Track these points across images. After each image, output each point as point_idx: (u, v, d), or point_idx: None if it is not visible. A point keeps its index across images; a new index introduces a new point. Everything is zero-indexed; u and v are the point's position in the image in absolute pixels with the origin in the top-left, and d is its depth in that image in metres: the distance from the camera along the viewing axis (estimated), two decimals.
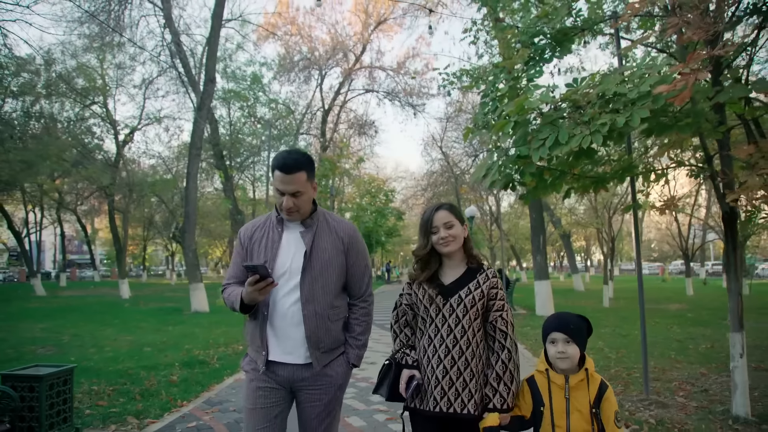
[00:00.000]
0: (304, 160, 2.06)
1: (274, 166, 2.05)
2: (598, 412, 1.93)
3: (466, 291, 2.06)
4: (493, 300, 2.09)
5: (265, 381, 2.10)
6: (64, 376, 3.76)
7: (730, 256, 4.29)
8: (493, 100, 4.71)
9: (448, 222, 2.08)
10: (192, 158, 13.53)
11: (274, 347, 2.08)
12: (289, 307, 2.06)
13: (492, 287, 2.10)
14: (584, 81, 4.18)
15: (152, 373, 6.17)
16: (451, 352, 2.02)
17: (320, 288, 2.08)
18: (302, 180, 2.03)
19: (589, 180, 4.39)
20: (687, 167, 4.43)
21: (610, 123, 3.40)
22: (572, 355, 1.96)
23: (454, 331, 2.04)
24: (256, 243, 2.15)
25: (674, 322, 11.43)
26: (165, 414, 4.56)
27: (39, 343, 8.55)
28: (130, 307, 15.98)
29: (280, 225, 2.14)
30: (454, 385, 2.01)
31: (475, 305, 2.06)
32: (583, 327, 2.02)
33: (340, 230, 2.18)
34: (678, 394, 5.16)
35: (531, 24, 4.70)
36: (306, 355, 2.07)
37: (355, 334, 2.22)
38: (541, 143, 3.66)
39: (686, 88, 3.02)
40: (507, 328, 2.07)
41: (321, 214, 2.18)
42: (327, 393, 2.11)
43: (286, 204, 2.04)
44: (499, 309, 2.10)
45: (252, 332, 2.13)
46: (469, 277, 2.10)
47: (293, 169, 2.01)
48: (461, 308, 2.05)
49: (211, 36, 13.69)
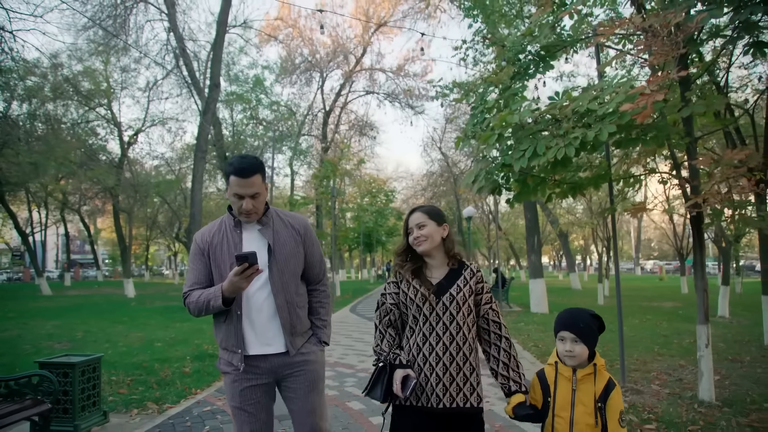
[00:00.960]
0: (257, 163, 2.18)
1: (230, 172, 2.14)
2: (603, 407, 1.93)
3: (456, 288, 2.12)
4: (480, 294, 2.17)
5: (248, 379, 2.19)
6: (93, 364, 4.18)
7: (696, 254, 4.70)
8: (481, 113, 5.12)
9: (420, 223, 2.16)
10: (197, 161, 13.95)
11: (252, 342, 2.18)
12: (263, 300, 2.18)
13: (478, 282, 2.18)
14: (565, 93, 4.61)
15: (165, 365, 6.60)
16: (448, 349, 2.08)
17: (287, 278, 2.23)
18: (259, 182, 2.16)
19: (567, 186, 4.80)
20: (658, 174, 4.83)
21: (581, 136, 3.81)
22: (579, 354, 1.97)
23: (450, 329, 2.09)
24: (217, 246, 2.23)
25: (664, 318, 11.84)
26: (181, 400, 4.99)
27: (54, 339, 8.97)
28: (136, 306, 16.41)
29: (238, 227, 2.24)
30: (455, 380, 2.07)
31: (467, 301, 2.13)
32: (593, 326, 2.01)
33: (294, 223, 2.33)
34: (654, 383, 5.58)
35: (517, 42, 5.11)
36: (283, 342, 2.20)
37: (320, 316, 2.37)
38: (521, 154, 4.08)
39: (647, 107, 3.45)
40: (499, 318, 2.18)
41: (273, 212, 2.31)
42: (307, 373, 2.25)
43: (246, 206, 2.14)
44: (488, 302, 2.19)
45: (226, 333, 2.21)
46: (455, 276, 2.16)
47: (250, 173, 2.12)
48: (454, 305, 2.10)
49: (215, 42, 14.12)
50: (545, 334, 9.35)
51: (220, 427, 4.17)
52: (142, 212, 28.93)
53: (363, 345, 8.39)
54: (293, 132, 25.76)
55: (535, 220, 14.55)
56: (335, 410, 4.55)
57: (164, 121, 25.07)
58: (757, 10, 3.74)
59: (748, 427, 4.01)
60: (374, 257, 47.17)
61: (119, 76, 22.78)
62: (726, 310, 11.89)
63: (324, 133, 29.86)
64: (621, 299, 5.75)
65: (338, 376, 5.96)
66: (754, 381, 5.62)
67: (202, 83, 17.18)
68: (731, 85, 9.65)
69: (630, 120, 3.76)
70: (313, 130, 30.89)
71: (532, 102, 4.67)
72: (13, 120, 18.69)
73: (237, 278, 2.00)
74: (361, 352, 7.72)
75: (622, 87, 3.95)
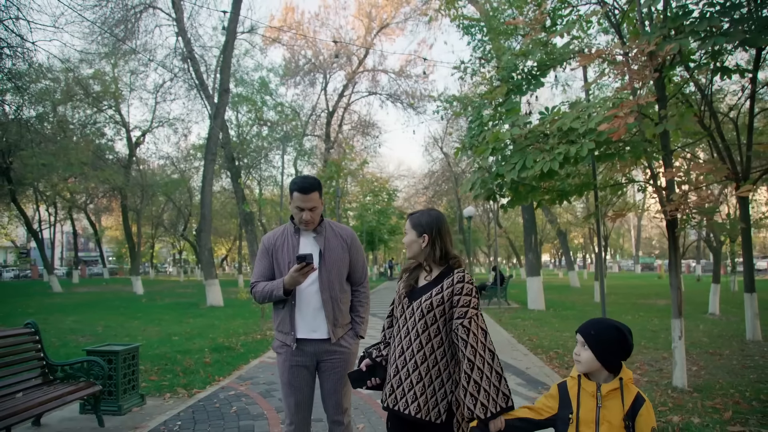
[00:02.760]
0: (316, 183, 2.65)
1: (294, 189, 2.60)
2: (631, 425, 1.81)
3: (426, 296, 2.10)
4: (454, 307, 2.07)
5: (296, 360, 2.64)
6: (132, 352, 4.72)
7: (672, 256, 5.22)
8: (478, 126, 5.64)
9: (405, 230, 2.30)
10: (207, 164, 14.48)
11: (302, 327, 2.64)
12: (313, 295, 2.64)
13: (456, 293, 2.08)
14: (554, 109, 5.13)
15: (187, 356, 7.15)
16: (414, 356, 2.08)
17: (333, 278, 2.67)
18: (316, 198, 2.62)
19: (555, 193, 5.33)
20: (636, 183, 5.34)
21: (564, 152, 4.34)
22: (584, 361, 1.86)
23: (420, 336, 2.08)
24: (279, 248, 2.70)
25: (656, 315, 12.35)
26: (207, 386, 5.54)
27: (77, 333, 9.51)
28: (147, 302, 16.97)
29: (297, 234, 2.71)
30: (413, 389, 2.06)
31: (432, 311, 2.07)
32: (610, 337, 1.86)
33: (343, 234, 2.77)
34: (636, 372, 6.10)
35: (509, 61, 5.64)
36: (326, 330, 2.64)
37: (359, 313, 2.82)
38: (512, 167, 4.61)
39: (619, 129, 3.97)
40: (468, 337, 2.02)
41: (326, 223, 2.76)
42: (343, 360, 2.70)
43: (305, 217, 2.60)
44: (461, 316, 2.05)
45: (282, 318, 2.67)
46: (436, 282, 2.14)
47: (310, 190, 2.59)
48: (418, 312, 2.09)
49: (225, 49, 14.64)
50: (540, 329, 9.89)
51: (245, 407, 4.71)
52: (148, 211, 29.48)
53: (366, 339, 8.90)
54: (297, 133, 26.28)
55: (532, 220, 15.06)
56: None
57: (171, 122, 25.66)
58: (720, 40, 4.25)
59: (711, 408, 4.54)
60: (377, 255, 47.78)
61: (128, 79, 23.33)
62: (716, 308, 12.36)
63: (327, 133, 30.38)
64: (605, 296, 6.24)
65: None
66: (728, 371, 6.14)
67: (211, 87, 17.71)
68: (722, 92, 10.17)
69: (607, 138, 4.29)
70: (317, 131, 31.41)
71: (523, 117, 5.18)
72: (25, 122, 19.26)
73: (296, 274, 2.47)
74: (364, 345, 8.24)
75: (600, 108, 4.47)
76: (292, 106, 27.60)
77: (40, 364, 4.23)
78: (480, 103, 5.73)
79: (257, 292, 2.69)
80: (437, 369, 2.08)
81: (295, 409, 2.68)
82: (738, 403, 4.69)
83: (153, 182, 25.07)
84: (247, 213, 16.58)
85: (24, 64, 13.81)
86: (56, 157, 18.50)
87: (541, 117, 5.06)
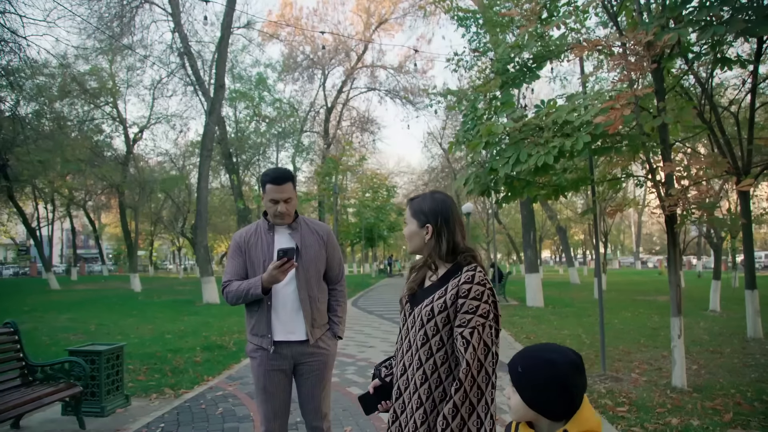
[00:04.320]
0: (289, 173, 2.55)
1: (266, 181, 2.46)
2: None
3: (428, 301, 1.70)
4: (458, 312, 1.63)
5: (272, 364, 2.49)
6: (116, 352, 4.59)
7: (671, 253, 5.09)
8: (472, 119, 5.50)
9: (406, 218, 1.88)
10: (203, 160, 14.36)
11: (279, 329, 2.49)
12: (290, 294, 2.51)
13: (461, 296, 1.63)
14: (549, 102, 4.99)
15: (177, 355, 7.04)
16: (414, 376, 1.69)
17: (311, 276, 2.54)
18: (290, 189, 2.50)
19: (551, 188, 5.19)
20: (634, 177, 5.21)
21: (559, 145, 4.20)
22: (514, 408, 1.33)
23: (411, 349, 1.72)
24: (252, 246, 2.55)
25: (656, 312, 12.24)
26: (195, 386, 5.42)
27: (69, 332, 9.41)
28: (144, 300, 16.87)
29: (271, 230, 2.57)
30: (414, 415, 1.68)
31: (433, 319, 1.66)
32: (541, 376, 1.27)
33: (318, 230, 2.65)
34: (634, 372, 5.98)
35: (504, 53, 5.49)
36: (304, 331, 2.50)
37: (337, 313, 2.69)
38: (506, 161, 4.47)
39: (614, 121, 3.83)
40: (465, 351, 1.58)
41: (301, 219, 2.64)
42: (321, 362, 2.56)
43: (281, 209, 2.47)
44: (462, 324, 1.61)
45: (257, 320, 2.52)
46: (441, 283, 1.72)
47: (283, 180, 2.47)
48: (419, 321, 1.70)
49: (220, 45, 14.50)
50: (538, 327, 9.77)
51: (231, 409, 4.59)
52: (147, 208, 29.38)
53: (363, 336, 8.81)
54: (295, 129, 26.15)
55: (530, 216, 14.92)
56: (336, 394, 4.96)
57: (169, 118, 25.50)
58: (720, 30, 4.11)
59: (711, 410, 4.41)
60: (376, 252, 47.69)
61: (125, 75, 23.18)
62: (717, 304, 12.25)
63: (326, 129, 30.25)
64: (602, 293, 6.13)
65: (340, 365, 6.38)
66: (729, 370, 6.01)
67: (207, 83, 17.57)
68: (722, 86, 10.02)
69: (603, 131, 4.15)
70: (315, 127, 31.28)
71: (517, 110, 5.04)
72: (21, 118, 19.14)
73: (276, 271, 2.32)
74: (362, 343, 8.15)
75: (597, 99, 4.33)
76: (290, 102, 27.46)
77: (19, 364, 4.11)
78: (474, 96, 5.59)
79: (230, 292, 2.52)
80: (441, 391, 1.65)
81: (272, 416, 2.55)
82: (739, 404, 4.56)
83: (151, 179, 24.92)
84: (242, 209, 16.45)
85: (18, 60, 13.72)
86: (52, 154, 18.38)
87: (537, 110, 4.92)
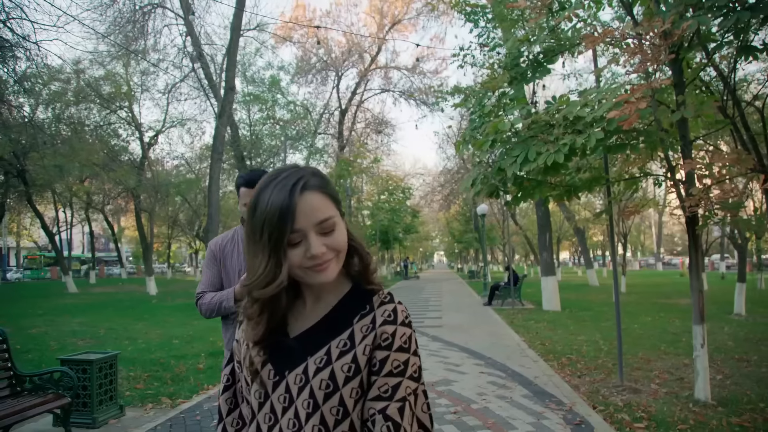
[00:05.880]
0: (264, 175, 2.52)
1: (241, 184, 2.30)
2: None
3: (318, 359, 0.93)
4: (376, 373, 0.91)
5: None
6: (110, 361, 4.45)
7: (692, 255, 4.77)
8: (479, 117, 5.25)
9: (322, 218, 1.00)
10: (214, 162, 14.30)
11: None
12: None
13: (380, 346, 0.92)
14: (561, 98, 4.72)
15: (181, 361, 6.90)
16: None
17: None
18: None
19: (563, 188, 4.91)
20: (652, 176, 4.90)
21: (570, 143, 3.93)
22: None
23: None
24: (228, 254, 2.41)
25: (678, 316, 11.77)
26: (193, 395, 5.26)
27: (78, 336, 9.37)
28: (157, 303, 16.90)
29: None
30: None
31: (336, 394, 0.91)
32: None
33: None
34: (654, 382, 5.65)
35: (514, 47, 5.23)
36: None
37: None
38: (513, 160, 4.22)
39: (630, 116, 3.55)
40: None
41: None
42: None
43: None
44: (384, 397, 0.90)
45: (233, 335, 2.44)
46: (333, 321, 0.97)
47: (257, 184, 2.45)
48: (304, 402, 0.92)
49: (230, 47, 14.45)
50: (553, 332, 9.43)
51: None
52: (164, 211, 29.62)
53: None
54: (309, 131, 26.07)
55: (546, 217, 14.55)
56: None
57: (183, 122, 25.67)
58: (744, 15, 3.80)
59: (738, 427, 4.08)
60: (392, 254, 47.45)
61: (139, 79, 23.38)
62: (742, 308, 11.77)
63: (340, 131, 30.14)
64: (619, 297, 5.81)
65: None
66: (757, 381, 5.65)
67: (219, 86, 17.55)
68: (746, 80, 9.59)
69: (617, 126, 3.87)
70: (330, 129, 31.19)
71: (526, 107, 4.78)
72: (38, 124, 19.40)
73: None
74: None
75: (610, 94, 4.05)
76: (304, 104, 27.41)
77: (7, 374, 3.99)
78: (482, 92, 5.34)
79: (203, 304, 2.34)
80: None
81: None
82: None
83: (166, 183, 25.08)
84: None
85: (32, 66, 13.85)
86: (69, 159, 18.57)
87: (548, 106, 4.66)
